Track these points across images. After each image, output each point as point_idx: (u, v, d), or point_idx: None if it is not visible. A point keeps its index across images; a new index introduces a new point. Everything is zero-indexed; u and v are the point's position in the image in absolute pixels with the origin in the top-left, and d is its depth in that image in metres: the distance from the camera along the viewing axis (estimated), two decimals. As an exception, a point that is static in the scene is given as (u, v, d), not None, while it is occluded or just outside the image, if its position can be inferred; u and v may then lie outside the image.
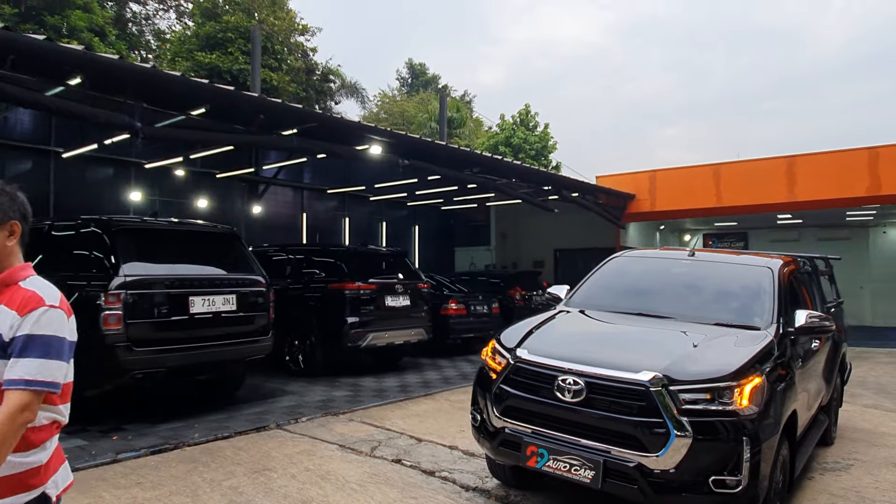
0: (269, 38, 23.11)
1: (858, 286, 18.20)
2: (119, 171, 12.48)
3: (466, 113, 36.99)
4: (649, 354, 3.95)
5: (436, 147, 10.98)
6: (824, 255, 7.81)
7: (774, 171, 15.18)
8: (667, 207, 16.93)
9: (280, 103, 8.41)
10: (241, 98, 7.79)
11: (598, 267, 5.81)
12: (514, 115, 29.34)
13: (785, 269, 5.21)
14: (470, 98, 46.74)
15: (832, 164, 14.58)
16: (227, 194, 14.45)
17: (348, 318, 9.35)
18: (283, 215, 15.85)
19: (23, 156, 11.19)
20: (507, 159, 14.04)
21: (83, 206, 11.46)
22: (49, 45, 5.75)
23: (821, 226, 19.27)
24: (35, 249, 7.07)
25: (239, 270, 7.35)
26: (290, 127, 9.10)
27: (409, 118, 33.75)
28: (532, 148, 28.04)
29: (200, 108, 8.03)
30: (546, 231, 19.38)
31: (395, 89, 45.01)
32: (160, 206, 12.88)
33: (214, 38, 22.43)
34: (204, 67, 21.74)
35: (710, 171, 16.23)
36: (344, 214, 17.49)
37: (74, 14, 20.50)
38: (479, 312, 12.79)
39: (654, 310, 4.88)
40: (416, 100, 38.15)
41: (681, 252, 5.81)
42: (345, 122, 9.58)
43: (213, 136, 8.94)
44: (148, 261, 6.52)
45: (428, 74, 46.20)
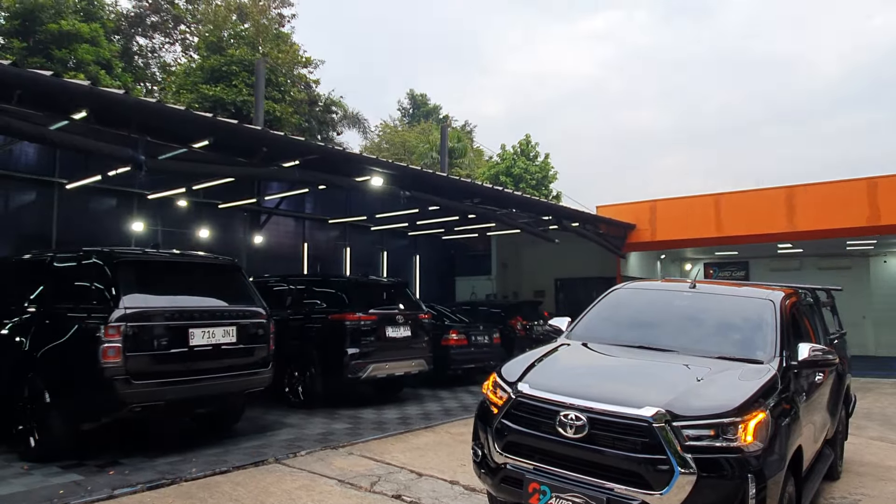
0: (273, 70, 23.47)
1: (861, 315, 18.13)
2: (122, 202, 12.56)
3: (467, 143, 37.34)
4: (652, 389, 3.91)
5: (437, 178, 11.06)
6: (826, 287, 7.78)
7: (774, 202, 15.26)
8: (667, 237, 16.97)
9: (282, 136, 8.50)
10: (243, 131, 7.88)
11: (599, 299, 5.79)
12: (514, 146, 29.64)
13: (787, 301, 5.19)
14: (471, 128, 47.25)
15: (831, 195, 14.66)
16: (229, 224, 14.50)
17: (349, 348, 9.30)
18: (284, 245, 15.88)
19: (27, 187, 11.27)
20: (507, 190, 14.13)
21: (86, 236, 11.52)
22: (55, 80, 5.84)
23: (821, 255, 19.28)
24: (37, 281, 7.09)
25: (239, 302, 7.33)
26: (292, 158, 9.18)
27: (411, 148, 34.05)
28: (533, 178, 28.23)
29: (204, 140, 8.11)
30: (547, 261, 19.40)
31: (396, 119, 45.55)
32: (162, 236, 12.93)
33: (219, 71, 22.78)
34: (208, 99, 22.03)
35: (711, 202, 16.30)
36: (345, 244, 17.52)
37: (82, 48, 20.85)
38: (479, 343, 12.73)
39: (657, 343, 4.85)
40: (418, 130, 38.55)
41: (682, 284, 5.79)
42: (346, 154, 9.68)
43: (215, 169, 9.02)
44: (149, 293, 6.51)
45: (429, 105, 46.78)
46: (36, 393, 6.24)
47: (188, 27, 29.82)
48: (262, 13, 27.35)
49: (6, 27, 20.70)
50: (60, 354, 6.24)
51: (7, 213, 11.07)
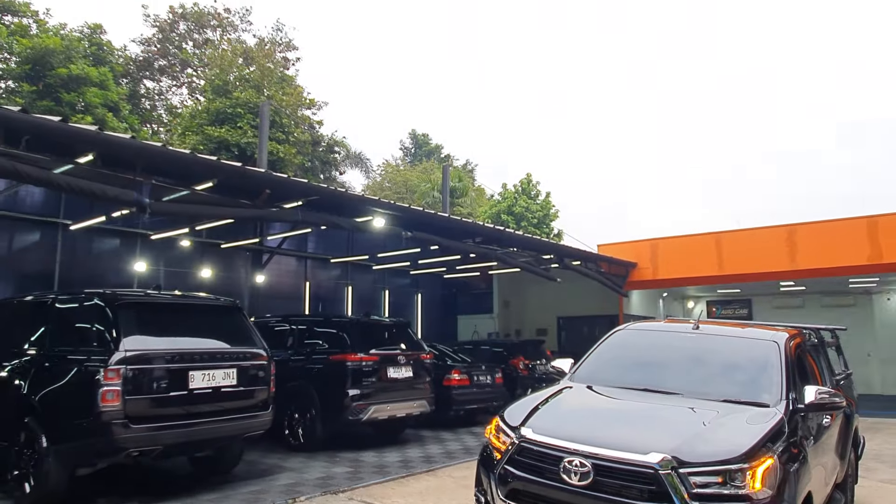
0: (277, 112, 23.87)
1: (866, 354, 17.95)
2: (125, 242, 12.62)
3: (468, 182, 37.66)
4: (658, 434, 3.86)
5: (438, 219, 11.14)
6: (830, 327, 7.74)
7: (775, 240, 15.30)
8: (669, 276, 16.97)
9: (286, 178, 8.60)
10: (247, 173, 7.98)
11: (602, 340, 5.76)
12: (515, 185, 29.88)
13: (791, 342, 5.16)
14: (472, 167, 47.74)
15: (832, 233, 14.70)
16: (231, 263, 14.54)
17: (350, 390, 9.20)
18: (286, 284, 15.89)
19: (31, 228, 11.36)
20: (508, 230, 14.22)
21: (89, 276, 11.57)
22: (64, 126, 5.95)
23: (824, 293, 19.21)
24: (38, 323, 7.08)
25: (240, 343, 7.29)
26: (295, 199, 9.27)
27: (413, 187, 34.35)
28: (534, 216, 28.38)
29: (208, 182, 8.20)
30: (549, 299, 19.34)
31: (398, 159, 46.06)
32: (165, 276, 12.95)
33: (224, 114, 23.17)
34: (213, 141, 22.34)
35: (712, 240, 16.35)
36: (347, 283, 17.52)
37: (90, 91, 21.26)
38: (482, 383, 12.59)
39: (661, 385, 4.80)
40: (419, 169, 38.94)
41: (685, 325, 5.77)
42: (348, 195, 9.77)
43: (219, 211, 9.10)
44: (149, 335, 6.48)
45: (431, 144, 47.37)
46: (32, 438, 6.15)
47: (195, 71, 30.47)
48: (268, 57, 27.98)
49: (17, 71, 21.16)
50: (58, 398, 6.18)
51: (11, 253, 11.13)
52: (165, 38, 29.98)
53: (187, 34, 30.80)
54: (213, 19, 30.89)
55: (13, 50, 20.80)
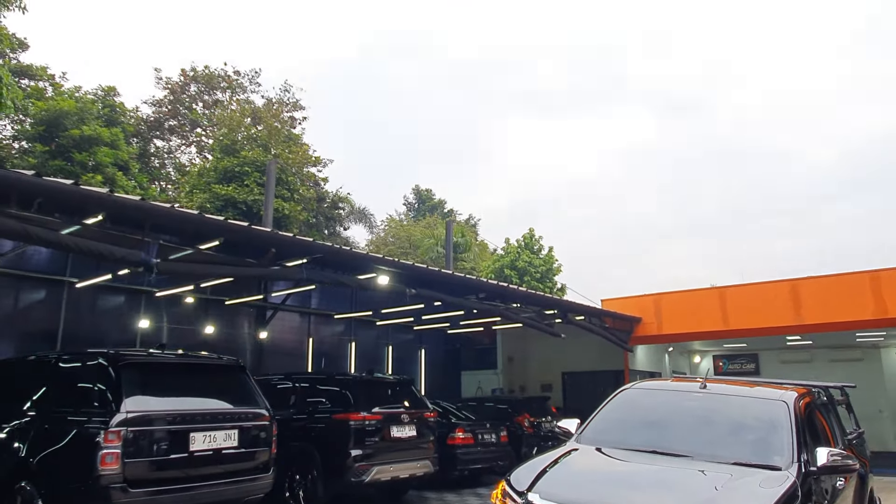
0: (283, 170, 24.32)
1: (877, 410, 17.61)
2: (130, 299, 12.65)
3: (471, 237, 37.91)
4: (669, 500, 3.79)
5: (441, 276, 11.19)
6: (839, 384, 7.64)
7: (779, 294, 15.27)
8: (674, 331, 16.86)
9: (290, 237, 8.71)
10: (253, 233, 8.09)
11: (608, 399, 5.70)
12: (518, 239, 30.04)
13: (800, 402, 5.10)
14: (475, 221, 48.16)
15: (836, 287, 14.68)
16: (235, 320, 14.53)
17: (352, 450, 9.02)
18: (289, 340, 15.82)
19: (37, 286, 11.42)
20: (511, 285, 14.24)
21: (92, 334, 11.56)
22: (75, 189, 6.09)
23: (832, 347, 19.00)
24: (39, 383, 7.05)
25: (242, 403, 7.23)
26: (300, 257, 9.35)
27: (416, 242, 34.57)
28: (537, 271, 28.43)
29: (214, 240, 8.30)
30: (553, 354, 19.16)
31: (402, 214, 46.55)
32: (169, 333, 12.92)
33: (231, 172, 23.61)
34: (220, 198, 22.69)
35: (716, 294, 16.33)
36: (350, 339, 17.43)
37: (101, 151, 21.75)
38: (486, 441, 12.34)
39: (670, 447, 4.72)
40: (423, 224, 39.29)
41: (692, 383, 5.72)
42: (352, 253, 9.86)
43: (225, 270, 9.18)
44: (151, 395, 6.45)
45: (434, 199, 47.95)
46: (28, 502, 6.03)
47: (204, 130, 31.23)
48: (275, 117, 28.71)
49: (31, 133, 21.72)
50: (57, 461, 6.09)
51: (16, 311, 11.16)
52: (176, 100, 30.87)
53: (198, 95, 31.71)
54: (223, 81, 31.86)
55: (28, 112, 21.41)
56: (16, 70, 22.73)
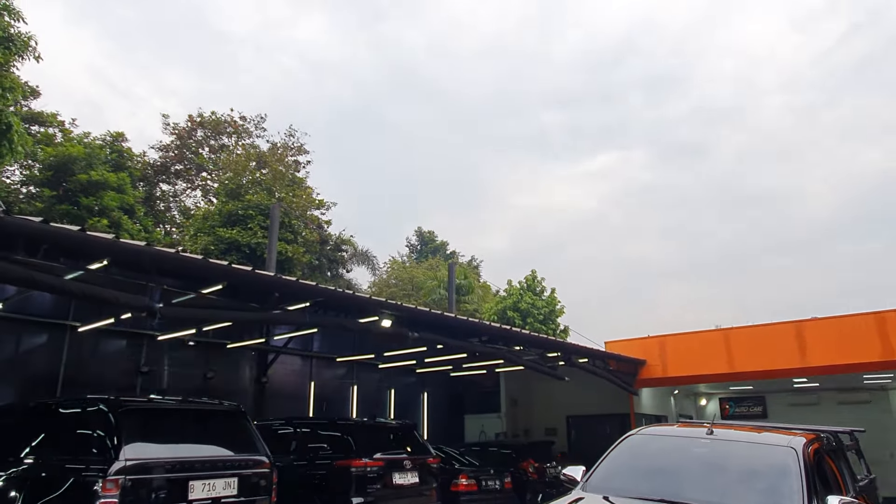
0: (287, 214, 24.53)
1: (888, 453, 17.23)
2: (131, 343, 12.61)
3: (474, 279, 37.93)
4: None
5: (444, 319, 11.18)
6: (848, 429, 7.54)
7: (784, 336, 15.17)
8: (679, 373, 16.69)
9: (293, 281, 8.75)
10: (256, 277, 8.13)
11: (614, 446, 5.63)
12: (520, 281, 30.04)
13: (809, 448, 5.03)
14: (477, 263, 48.25)
15: (841, 329, 14.59)
16: (236, 364, 14.44)
17: (354, 497, 8.87)
18: (291, 384, 15.68)
19: (39, 330, 11.41)
20: (514, 328, 14.19)
21: (93, 378, 11.48)
22: (82, 235, 6.16)
23: (839, 389, 18.75)
24: (39, 429, 6.99)
25: (243, 450, 7.15)
26: (303, 301, 9.37)
27: (419, 284, 34.58)
28: (540, 313, 28.33)
29: (218, 285, 8.34)
30: (557, 397, 18.93)
31: (404, 256, 46.70)
32: (170, 377, 12.84)
33: (236, 215, 23.82)
34: (224, 242, 22.82)
35: (720, 336, 16.22)
36: (352, 382, 17.27)
37: (108, 195, 22.03)
38: (490, 488, 12.11)
39: (679, 496, 4.64)
40: (425, 266, 39.37)
41: (699, 429, 5.65)
42: (355, 297, 9.87)
43: (228, 315, 9.20)
44: (151, 442, 6.39)
45: (436, 241, 48.18)
46: (22, 554, 5.92)
47: (209, 174, 31.63)
48: (280, 161, 29.11)
49: (40, 178, 22.04)
50: (53, 510, 5.99)
51: (17, 355, 11.12)
52: (183, 145, 31.38)
53: (204, 140, 32.25)
54: (230, 126, 32.44)
55: (37, 157, 21.78)
56: (26, 117, 23.21)
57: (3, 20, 14.21)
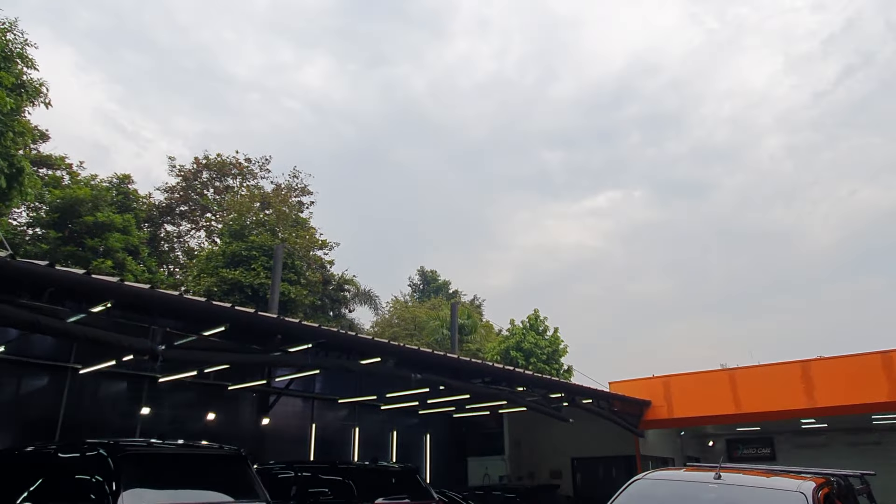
0: (290, 254, 24.64)
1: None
2: (132, 385, 12.54)
3: (476, 318, 37.78)
4: None
5: (447, 360, 11.13)
6: (858, 472, 7.41)
7: (790, 376, 15.02)
8: (684, 414, 16.47)
9: (296, 323, 8.75)
10: (259, 320, 8.14)
11: (620, 491, 5.54)
12: (523, 320, 29.90)
13: (819, 492, 4.94)
14: (480, 302, 48.12)
15: (848, 369, 14.46)
16: (237, 406, 14.32)
17: (354, 546, 8.69)
18: (292, 426, 15.50)
19: (40, 372, 11.37)
20: (517, 369, 14.09)
21: (93, 421, 11.40)
22: (87, 279, 6.21)
23: (848, 430, 18.45)
24: (37, 475, 6.90)
25: (242, 495, 7.03)
26: (305, 342, 9.35)
27: (421, 324, 34.44)
28: (543, 352, 28.12)
29: (220, 326, 8.34)
30: (562, 438, 18.64)
31: (407, 295, 46.64)
32: (171, 419, 12.73)
33: (239, 256, 23.92)
34: (227, 282, 22.86)
35: (726, 377, 16.07)
36: (354, 424, 17.06)
37: (113, 237, 22.20)
38: (495, 535, 11.85)
39: (685, 543, 4.55)
40: (428, 305, 39.27)
41: (706, 473, 5.57)
42: (358, 338, 9.85)
43: (230, 357, 9.18)
44: (151, 487, 6.30)
45: (439, 280, 48.15)
46: None
47: (214, 215, 31.90)
48: (284, 202, 29.39)
49: (46, 219, 22.26)
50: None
51: (17, 398, 11.05)
52: (188, 186, 31.74)
53: (209, 182, 32.63)
54: (235, 168, 32.87)
55: (45, 200, 22.04)
56: (35, 160, 23.58)
57: (16, 67, 14.59)
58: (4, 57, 14.07)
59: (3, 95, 12.56)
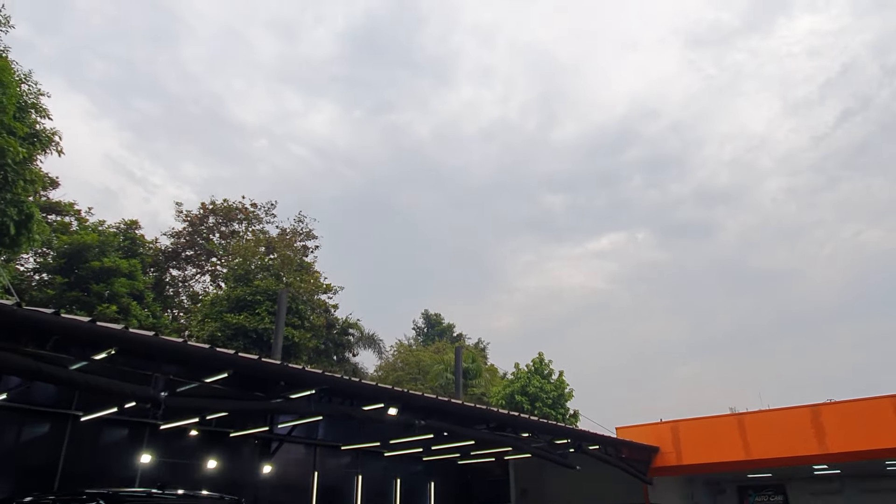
0: (294, 299, 24.67)
1: (922, 547, 16.36)
2: (133, 432, 12.43)
3: (481, 362, 37.46)
4: None
5: (451, 406, 11.04)
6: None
7: (800, 421, 14.78)
8: (694, 461, 16.15)
9: (300, 369, 8.74)
10: (263, 366, 8.14)
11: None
12: (528, 364, 29.62)
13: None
14: (484, 345, 47.80)
15: (859, 414, 14.23)
16: (239, 453, 14.13)
17: None
18: (293, 473, 15.26)
19: (41, 420, 11.30)
20: (522, 415, 13.93)
21: (92, 470, 11.26)
22: (92, 326, 6.26)
23: (861, 476, 18.02)
24: (34, 527, 6.82)
25: (242, 547, 6.91)
26: (309, 388, 9.31)
27: (425, 368, 34.15)
28: (549, 397, 27.76)
29: (224, 373, 8.34)
30: (569, 486, 18.26)
31: (411, 339, 46.39)
32: (171, 467, 12.56)
33: (244, 301, 23.96)
34: (231, 327, 22.85)
35: (734, 422, 15.82)
36: (357, 472, 16.77)
37: (118, 282, 22.32)
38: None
39: None
40: (432, 349, 39.01)
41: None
42: (361, 384, 9.80)
43: (233, 405, 9.13)
44: (149, 539, 6.21)
45: (443, 324, 47.95)
46: None
47: (219, 259, 32.10)
48: (288, 246, 29.59)
49: (53, 265, 22.45)
50: None
51: (17, 446, 10.96)
52: (195, 231, 32.04)
53: (215, 226, 32.94)
54: (241, 213, 33.22)
55: (53, 245, 22.27)
56: (45, 206, 23.94)
57: (30, 117, 14.98)
58: (19, 107, 14.46)
59: (15, 145, 12.86)
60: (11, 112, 13.27)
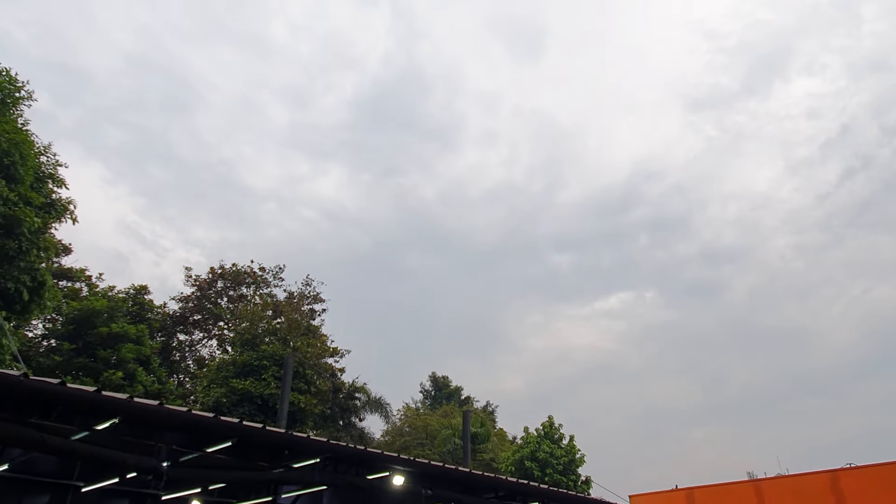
0: (301, 363, 24.50)
1: None
2: (134, 502, 12.13)
3: (489, 426, 36.69)
4: None
5: (459, 474, 10.79)
6: None
7: (819, 488, 14.25)
8: (712, 530, 15.51)
9: (304, 438, 8.64)
10: (267, 434, 8.05)
11: None
12: (537, 428, 29.00)
13: None
14: (493, 408, 46.95)
15: (881, 479, 13.71)
16: (241, 526, 13.70)
17: None
18: (296, 547, 14.72)
19: (42, 490, 11.08)
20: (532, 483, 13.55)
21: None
22: (96, 396, 6.26)
23: (891, 548, 17.20)
24: None
25: None
26: (313, 456, 9.15)
27: (433, 432, 33.46)
28: (559, 462, 27.02)
29: (227, 442, 8.23)
30: (584, 560, 17.49)
31: (418, 402, 45.68)
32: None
33: (250, 366, 23.81)
34: (236, 392, 22.61)
35: (752, 489, 15.27)
36: (362, 545, 16.17)
37: (126, 347, 22.31)
38: None
39: None
40: (440, 412, 38.31)
41: None
42: (367, 453, 9.64)
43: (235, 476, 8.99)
44: None
45: (451, 386, 47.27)
46: None
47: (226, 324, 32.11)
48: (295, 310, 29.61)
49: (61, 331, 22.52)
50: None
51: (15, 519, 10.72)
52: (203, 295, 32.21)
53: (224, 290, 33.12)
54: (249, 277, 33.46)
55: (62, 311, 22.41)
56: (56, 272, 24.24)
57: (47, 187, 15.41)
58: (37, 178, 14.90)
59: (31, 215, 13.19)
60: (28, 182, 13.67)
